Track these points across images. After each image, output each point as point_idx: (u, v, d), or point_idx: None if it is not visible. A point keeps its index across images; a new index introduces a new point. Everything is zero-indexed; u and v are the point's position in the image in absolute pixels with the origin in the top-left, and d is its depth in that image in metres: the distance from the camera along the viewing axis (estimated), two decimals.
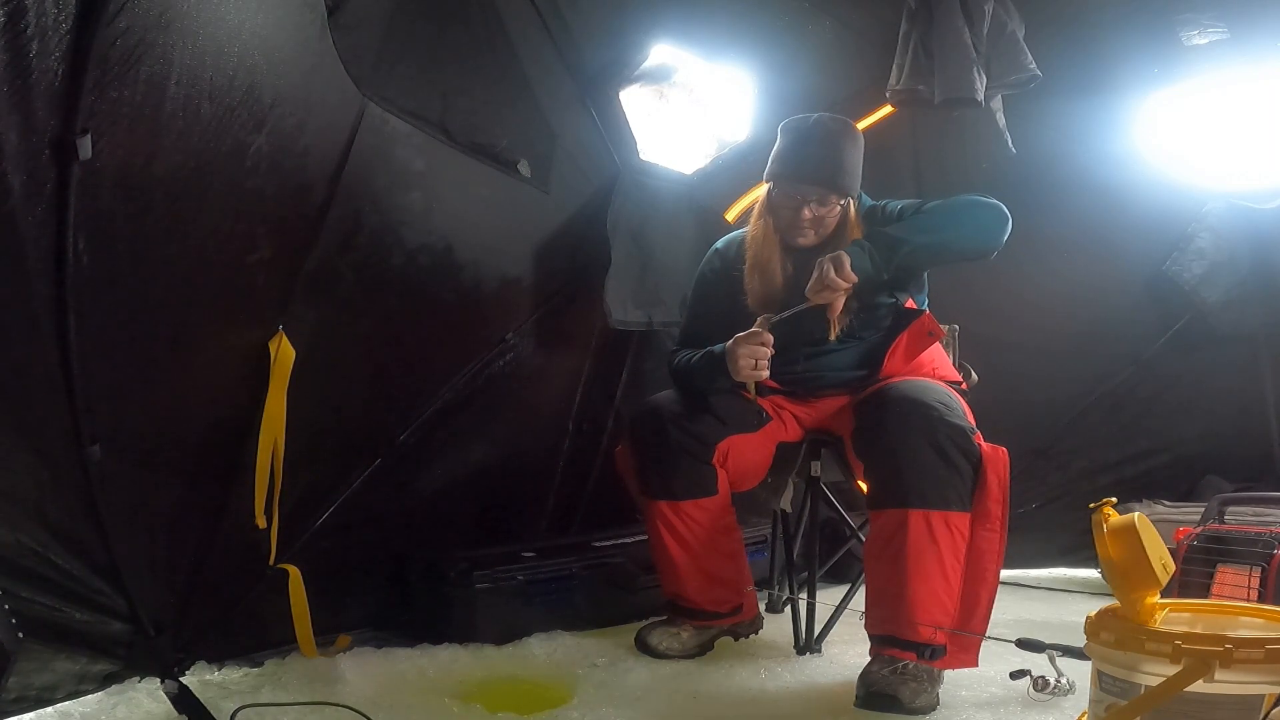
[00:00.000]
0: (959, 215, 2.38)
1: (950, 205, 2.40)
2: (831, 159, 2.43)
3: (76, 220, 1.72)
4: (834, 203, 2.43)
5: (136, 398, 2.02)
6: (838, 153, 2.45)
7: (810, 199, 2.42)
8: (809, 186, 2.43)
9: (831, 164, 2.43)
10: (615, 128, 3.08)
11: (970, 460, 2.16)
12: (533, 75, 2.78)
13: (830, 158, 2.44)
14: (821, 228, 2.46)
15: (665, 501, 2.50)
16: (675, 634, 2.53)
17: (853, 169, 2.47)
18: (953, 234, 2.37)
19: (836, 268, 2.26)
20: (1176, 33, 3.17)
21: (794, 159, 2.46)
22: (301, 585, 2.38)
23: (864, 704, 2.08)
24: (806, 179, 2.43)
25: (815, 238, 2.47)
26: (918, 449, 2.14)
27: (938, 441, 2.14)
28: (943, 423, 2.17)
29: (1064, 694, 2.09)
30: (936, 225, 2.37)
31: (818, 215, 2.43)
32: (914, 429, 2.16)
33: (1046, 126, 3.45)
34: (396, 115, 2.37)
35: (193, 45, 1.81)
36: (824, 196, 2.42)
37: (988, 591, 2.16)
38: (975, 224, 2.38)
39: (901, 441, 2.16)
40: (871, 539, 2.23)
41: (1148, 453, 3.64)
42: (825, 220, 2.45)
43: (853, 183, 2.47)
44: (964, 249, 2.40)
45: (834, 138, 2.46)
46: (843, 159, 2.45)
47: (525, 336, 2.99)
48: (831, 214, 2.44)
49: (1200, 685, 1.39)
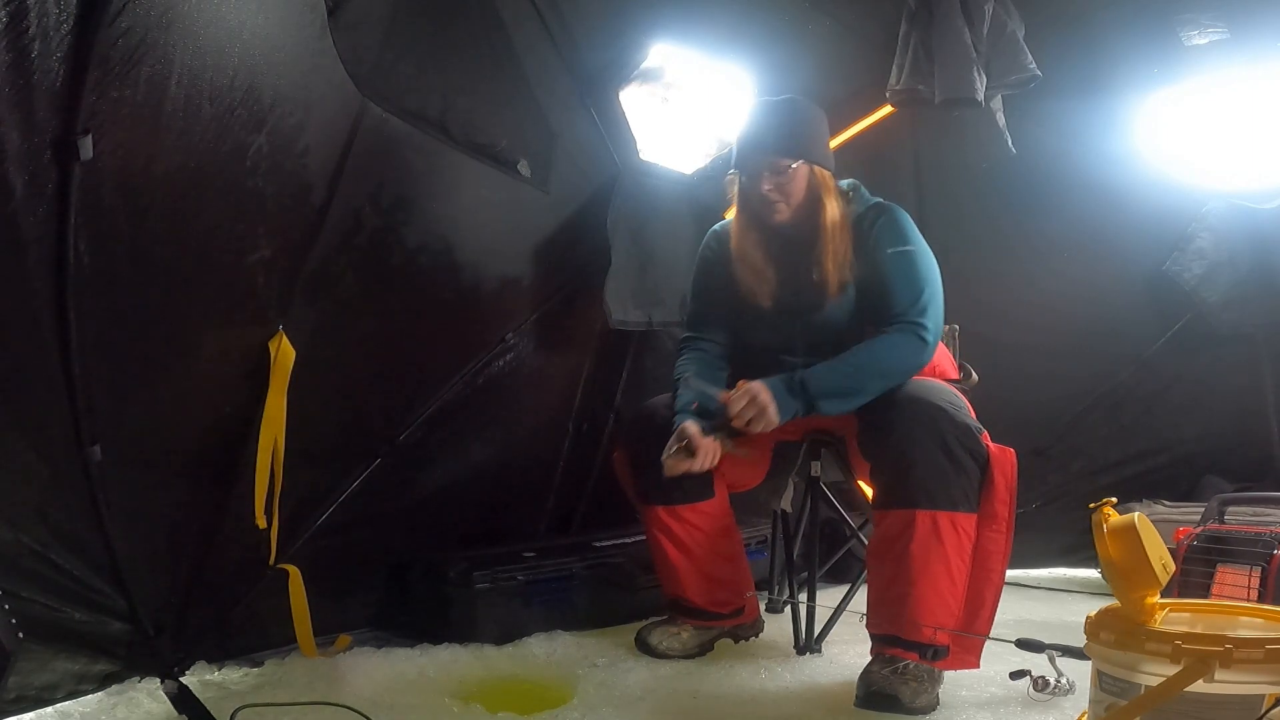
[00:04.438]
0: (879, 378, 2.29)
1: (872, 366, 2.30)
2: (776, 126, 2.42)
3: (77, 220, 1.72)
4: (787, 167, 2.37)
5: (137, 398, 2.02)
6: (783, 121, 2.43)
7: (764, 170, 2.39)
8: (758, 157, 2.40)
9: (776, 131, 2.42)
10: (615, 127, 3.08)
11: (977, 460, 2.16)
12: (532, 75, 2.78)
13: (775, 125, 2.43)
14: (788, 197, 2.40)
15: (662, 507, 2.50)
16: (675, 634, 2.53)
17: (805, 134, 2.43)
18: (867, 394, 2.30)
19: (761, 419, 2.25)
20: (1176, 33, 3.17)
21: (742, 139, 2.46)
22: (301, 585, 2.38)
23: (864, 704, 2.08)
24: (755, 150, 2.42)
25: (788, 210, 2.41)
26: (925, 449, 2.13)
27: (945, 442, 2.14)
28: (951, 423, 2.16)
29: (1064, 694, 2.09)
30: (855, 388, 2.30)
31: (778, 184, 2.38)
32: (922, 429, 2.16)
33: (1046, 126, 3.45)
34: (396, 115, 2.37)
35: (193, 45, 1.81)
36: (775, 162, 2.38)
37: (993, 592, 2.16)
38: (890, 381, 2.29)
39: (909, 442, 2.15)
40: (876, 539, 2.22)
41: (1148, 453, 3.63)
42: (788, 188, 2.39)
43: (807, 146, 2.41)
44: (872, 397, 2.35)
45: (778, 109, 2.47)
46: (790, 126, 2.43)
47: (525, 336, 2.99)
48: (793, 181, 2.38)
49: (1200, 685, 1.39)
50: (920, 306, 2.34)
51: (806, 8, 3.25)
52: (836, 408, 2.32)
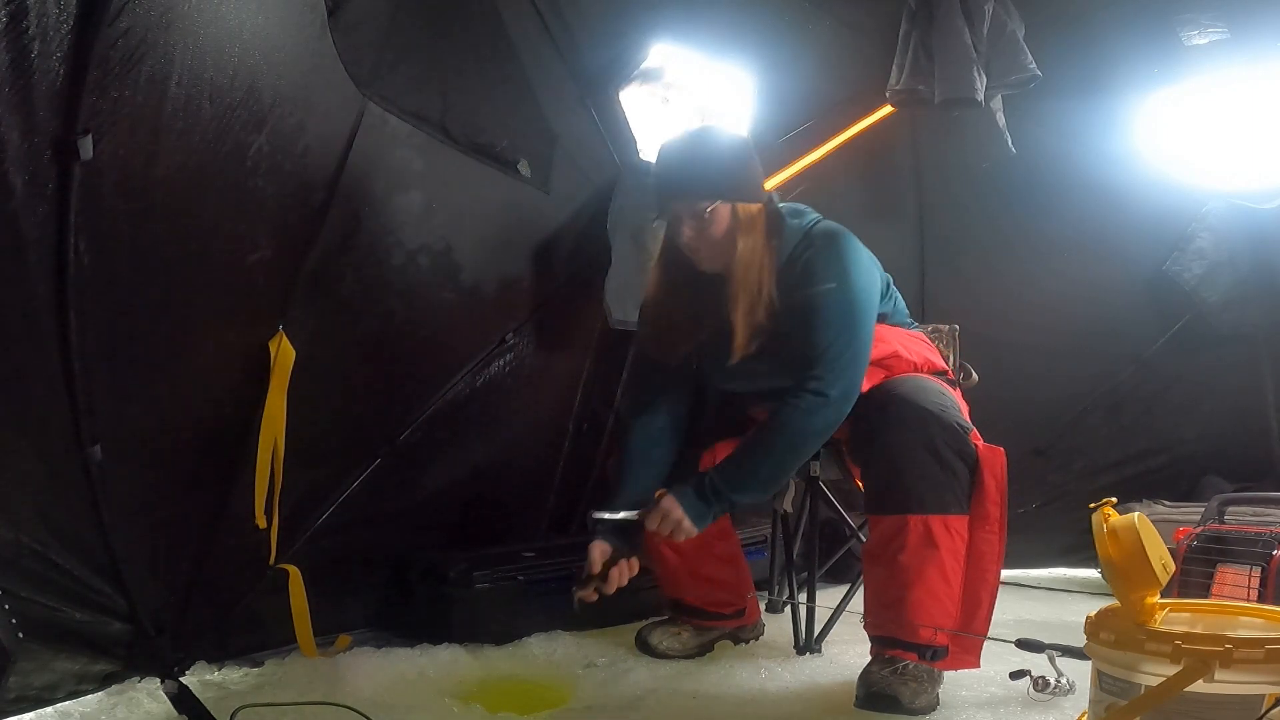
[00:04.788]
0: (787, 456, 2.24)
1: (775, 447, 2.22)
2: (689, 165, 2.25)
3: (78, 220, 1.72)
4: (705, 210, 2.20)
5: (137, 398, 2.02)
6: (696, 157, 2.25)
7: (683, 215, 2.23)
8: (675, 204, 2.24)
9: (684, 172, 2.24)
10: (615, 128, 3.08)
11: (966, 461, 2.15)
12: (533, 75, 2.78)
13: (688, 164, 2.25)
14: (709, 243, 2.24)
15: None
16: (676, 634, 2.53)
17: (722, 169, 2.24)
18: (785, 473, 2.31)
19: (680, 533, 2.21)
20: (1176, 33, 3.17)
21: (656, 184, 2.29)
22: (301, 585, 2.38)
23: (864, 704, 2.07)
24: (669, 197, 2.25)
25: (714, 253, 2.26)
26: (914, 454, 2.13)
27: (933, 445, 2.13)
28: (938, 425, 2.15)
29: (1064, 694, 2.09)
30: (770, 474, 2.26)
31: (698, 230, 2.23)
32: (909, 434, 2.14)
33: (1046, 126, 3.45)
34: (397, 115, 2.37)
35: (193, 45, 1.81)
36: (691, 206, 2.22)
37: (989, 593, 2.16)
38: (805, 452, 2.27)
39: (897, 447, 2.14)
40: (871, 543, 2.22)
41: (1148, 453, 3.64)
42: (708, 233, 2.23)
43: (725, 182, 2.23)
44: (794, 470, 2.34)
45: (690, 145, 2.29)
46: (704, 162, 2.24)
47: (525, 336, 2.99)
48: (713, 224, 2.22)
49: (1200, 685, 1.39)
50: (825, 361, 2.18)
51: (807, 8, 3.26)
52: (757, 497, 2.29)
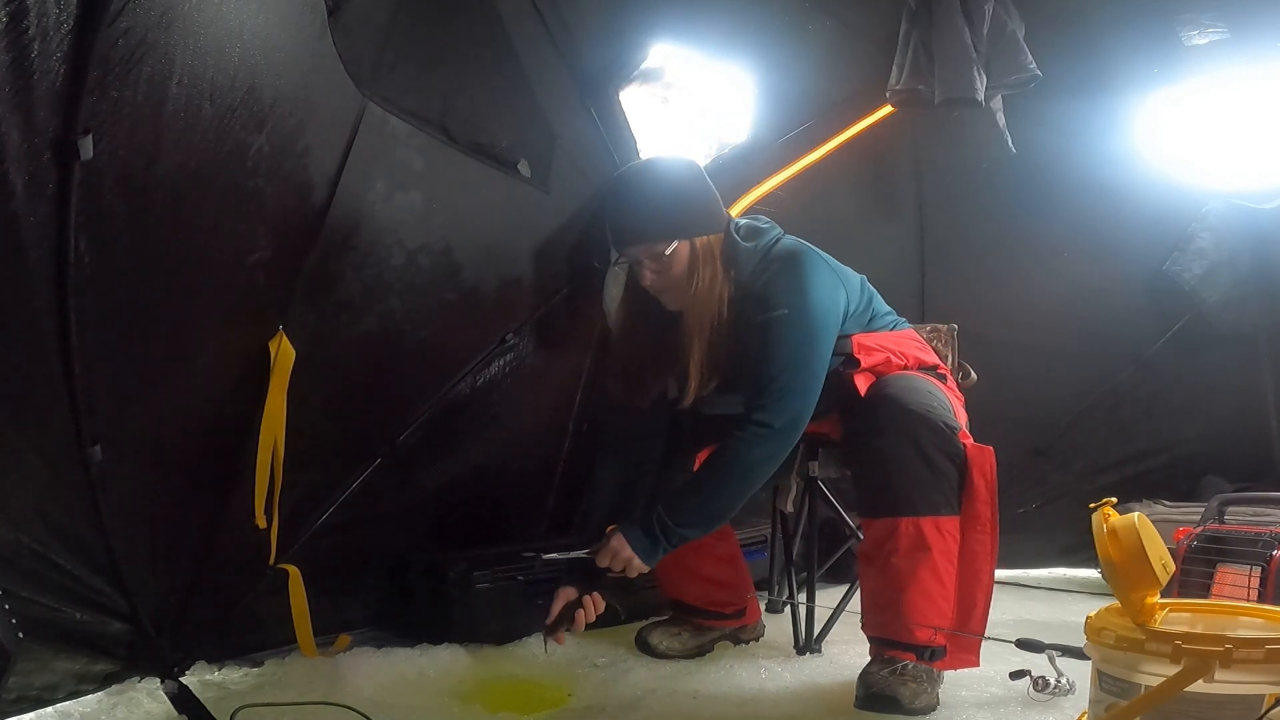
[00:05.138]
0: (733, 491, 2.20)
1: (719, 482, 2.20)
2: (638, 209, 2.23)
3: (78, 221, 1.72)
4: (663, 252, 2.19)
5: (137, 398, 2.02)
6: (644, 200, 2.24)
7: (641, 259, 2.23)
8: (628, 246, 2.24)
9: (639, 214, 2.23)
10: (615, 128, 3.08)
11: (954, 461, 2.15)
12: (533, 75, 2.78)
13: (636, 208, 2.24)
14: (673, 284, 2.24)
15: None
16: (676, 634, 2.53)
17: (672, 205, 2.22)
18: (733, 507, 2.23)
19: (632, 569, 2.20)
20: (1176, 33, 3.17)
21: (610, 228, 2.29)
22: (301, 585, 2.38)
23: (864, 704, 2.08)
24: (622, 243, 2.25)
25: (678, 291, 2.25)
26: (902, 457, 2.12)
27: (921, 447, 2.12)
28: (924, 427, 2.14)
29: (1064, 694, 2.09)
30: (716, 510, 2.22)
31: (658, 270, 2.22)
32: (897, 436, 2.14)
33: (1046, 126, 3.45)
34: (396, 115, 2.37)
35: (194, 45, 1.81)
36: (648, 250, 2.21)
37: (983, 593, 2.16)
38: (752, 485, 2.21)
39: (886, 450, 2.14)
40: (865, 545, 2.23)
41: (1148, 453, 3.64)
42: (671, 273, 2.22)
43: (677, 218, 2.21)
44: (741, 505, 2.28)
45: (639, 183, 2.28)
46: (653, 205, 2.22)
47: (525, 337, 2.99)
48: (674, 264, 2.21)
49: (1200, 685, 1.40)
50: (771, 391, 2.17)
51: (807, 7, 3.26)
52: (705, 531, 2.26)
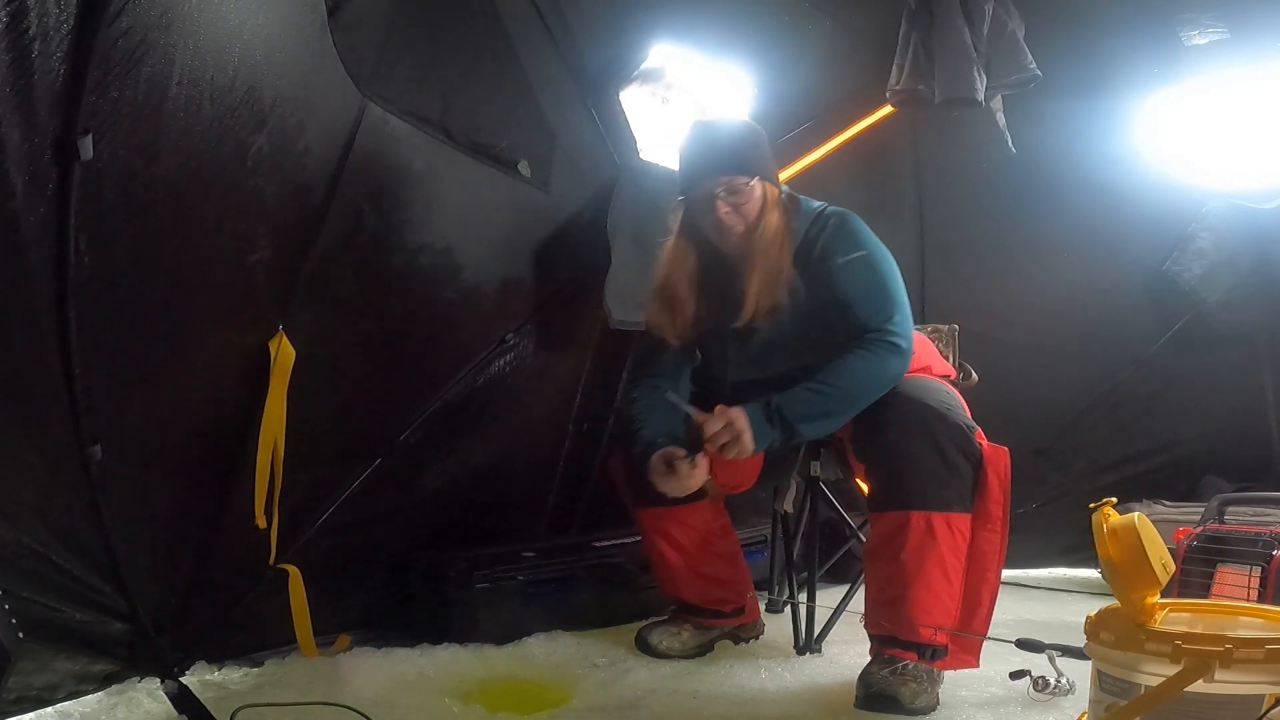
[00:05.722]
0: (857, 396, 2.24)
1: (848, 384, 2.23)
2: (727, 144, 2.35)
3: (78, 220, 1.72)
4: (744, 185, 2.30)
5: (137, 397, 2.02)
6: (728, 139, 2.36)
7: (718, 190, 2.30)
8: (712, 177, 2.32)
9: (724, 149, 2.34)
10: (615, 128, 3.08)
11: (970, 460, 2.16)
12: (533, 75, 2.78)
13: (725, 143, 2.35)
14: (746, 217, 2.32)
15: (658, 507, 2.50)
16: (676, 634, 2.53)
17: (754, 150, 2.36)
18: (847, 413, 2.25)
19: (736, 446, 2.20)
20: (1176, 33, 3.17)
21: (689, 162, 2.38)
22: (301, 585, 2.38)
23: (864, 704, 2.08)
24: (707, 172, 2.33)
25: (744, 233, 2.33)
26: (918, 451, 2.13)
27: (938, 442, 2.13)
28: (943, 423, 2.16)
29: (1064, 694, 2.09)
30: (833, 409, 2.24)
31: (735, 205, 2.31)
32: (915, 430, 2.15)
33: (1046, 126, 3.45)
34: (397, 115, 2.37)
35: (194, 45, 1.81)
36: (730, 181, 2.30)
37: (989, 592, 2.17)
38: (869, 396, 2.24)
39: (902, 443, 2.15)
40: (872, 540, 2.23)
41: (1148, 453, 3.64)
42: (745, 208, 2.31)
43: (759, 162, 2.35)
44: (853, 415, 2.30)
45: (723, 126, 2.41)
46: (739, 142, 2.36)
47: (525, 337, 2.99)
48: (749, 201, 2.31)
49: (1200, 685, 1.40)
50: (886, 313, 2.26)
51: (806, 8, 3.26)
52: (816, 431, 2.28)
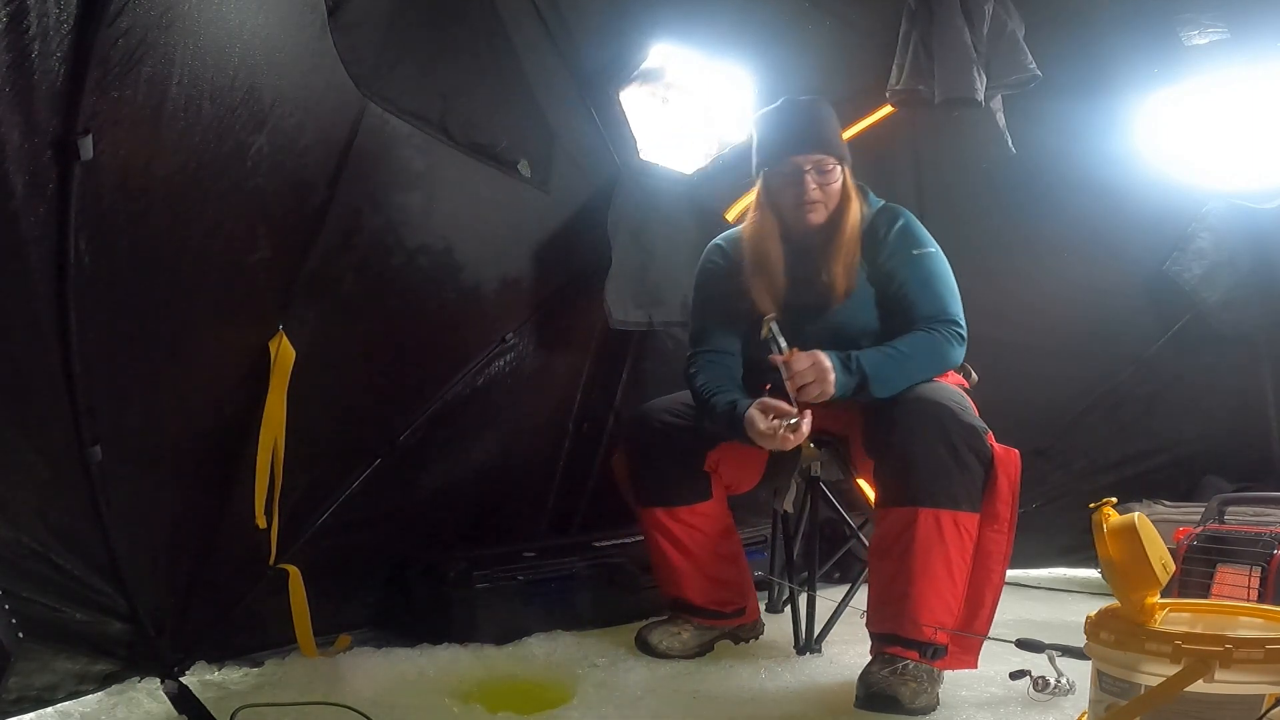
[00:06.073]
0: (924, 369, 2.34)
1: (920, 357, 2.34)
2: (815, 124, 2.47)
3: (78, 220, 1.72)
4: (833, 167, 2.42)
5: (137, 398, 2.02)
6: (820, 120, 2.48)
7: (807, 167, 2.41)
8: (805, 155, 2.42)
9: (817, 129, 2.46)
10: (615, 128, 3.08)
11: (982, 460, 2.16)
12: (532, 75, 2.78)
13: (814, 123, 2.47)
14: (829, 198, 2.44)
15: (661, 508, 2.50)
16: (676, 634, 2.53)
17: (838, 135, 2.50)
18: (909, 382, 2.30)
19: (819, 387, 2.23)
20: (1176, 33, 3.17)
21: (780, 136, 2.48)
22: (301, 585, 2.38)
23: (864, 704, 2.08)
24: (800, 148, 2.43)
25: (825, 212, 2.44)
26: (931, 448, 2.14)
27: (950, 441, 2.14)
28: (956, 422, 2.17)
29: (1064, 694, 2.09)
30: (902, 375, 2.30)
31: (821, 184, 2.42)
32: (927, 428, 2.16)
33: (1046, 126, 3.44)
34: (396, 115, 2.37)
35: (194, 45, 1.81)
36: (821, 163, 2.42)
37: (992, 593, 2.17)
38: (930, 373, 2.35)
39: (914, 440, 2.15)
40: (878, 536, 2.23)
41: (1148, 453, 3.63)
42: (830, 189, 2.43)
43: (843, 147, 2.48)
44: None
45: (814, 108, 2.51)
46: (829, 125, 2.49)
47: (525, 336, 2.99)
48: (834, 182, 2.43)
49: (1200, 685, 1.40)
50: (953, 309, 2.42)
51: (806, 7, 3.25)
52: (883, 391, 2.30)
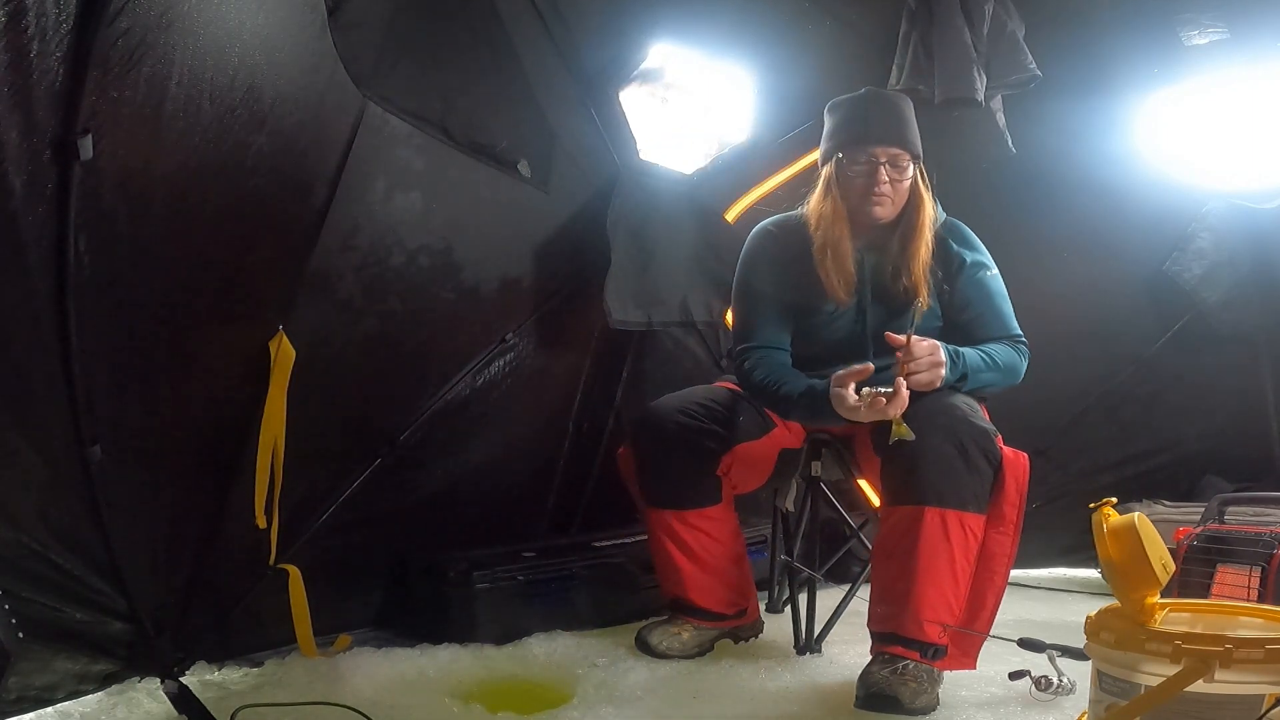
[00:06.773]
0: (1004, 381, 2.42)
1: (1004, 369, 2.40)
2: (896, 118, 2.42)
3: (77, 220, 1.72)
4: (907, 165, 2.39)
5: (137, 398, 2.02)
6: (902, 114, 2.44)
7: (883, 161, 2.37)
8: (882, 147, 2.38)
9: (898, 123, 2.41)
10: (615, 128, 3.08)
11: (991, 462, 2.16)
12: (532, 75, 2.78)
13: (894, 117, 2.42)
14: (899, 193, 2.40)
15: (670, 510, 2.49)
16: (676, 634, 2.52)
17: (915, 130, 2.45)
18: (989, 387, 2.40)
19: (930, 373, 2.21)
20: (1176, 33, 3.16)
21: (858, 124, 2.42)
22: (301, 585, 2.38)
23: (864, 704, 2.08)
24: (878, 140, 2.38)
25: (892, 209, 2.41)
26: (940, 448, 2.13)
27: (960, 442, 2.13)
28: (966, 424, 2.16)
29: (1064, 694, 2.09)
30: (988, 379, 2.37)
31: (894, 179, 2.38)
32: (938, 428, 2.15)
33: (1046, 126, 3.44)
34: (397, 115, 2.37)
35: (193, 45, 1.81)
36: (897, 157, 2.38)
37: (995, 595, 2.17)
38: (1005, 384, 2.43)
39: (925, 439, 2.14)
40: (883, 535, 2.22)
41: (1148, 453, 3.63)
42: (901, 186, 2.39)
43: (918, 143, 2.43)
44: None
45: (893, 100, 2.48)
46: (906, 119, 2.44)
47: (525, 336, 2.99)
48: (906, 180, 2.40)
49: (1200, 685, 1.40)
50: (1016, 326, 2.47)
51: (806, 7, 3.25)
52: (973, 388, 2.33)
